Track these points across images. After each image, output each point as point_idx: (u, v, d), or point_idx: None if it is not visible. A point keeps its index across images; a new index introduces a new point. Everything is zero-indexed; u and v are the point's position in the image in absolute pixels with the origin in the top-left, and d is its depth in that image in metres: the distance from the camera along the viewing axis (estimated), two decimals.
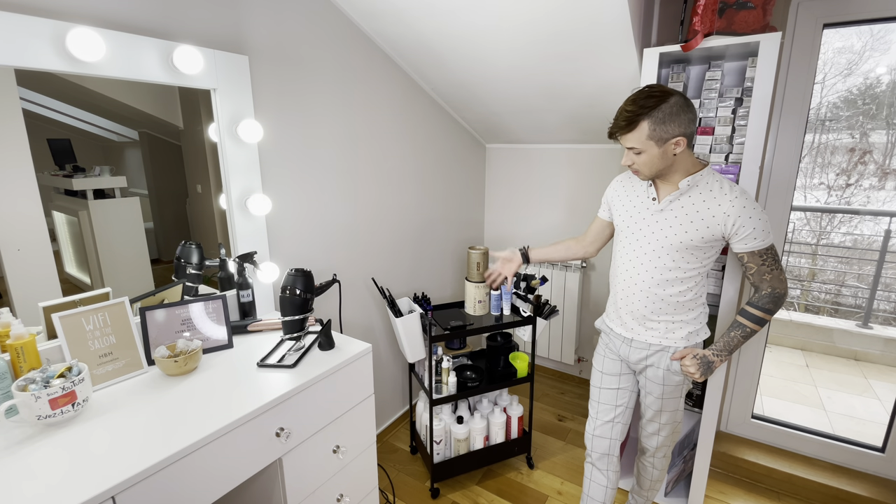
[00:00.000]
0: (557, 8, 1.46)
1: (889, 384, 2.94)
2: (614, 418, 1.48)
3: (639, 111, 1.15)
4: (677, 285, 1.28)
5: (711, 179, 1.23)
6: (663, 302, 1.30)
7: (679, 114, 1.14)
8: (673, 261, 1.26)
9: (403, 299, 2.02)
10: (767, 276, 1.22)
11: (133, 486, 0.81)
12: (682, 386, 1.39)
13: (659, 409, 1.42)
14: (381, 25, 1.78)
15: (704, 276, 1.32)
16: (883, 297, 3.24)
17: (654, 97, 1.14)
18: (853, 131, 3.21)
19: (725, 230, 1.20)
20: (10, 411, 0.95)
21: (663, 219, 1.27)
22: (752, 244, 1.19)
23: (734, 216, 1.17)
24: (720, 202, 1.19)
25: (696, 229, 1.22)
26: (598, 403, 1.51)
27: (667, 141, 1.16)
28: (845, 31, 1.85)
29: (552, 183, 2.59)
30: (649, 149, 1.18)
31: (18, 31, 0.97)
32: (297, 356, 1.25)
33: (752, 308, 1.25)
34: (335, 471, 1.29)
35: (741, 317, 1.27)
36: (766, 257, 1.21)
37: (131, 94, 1.25)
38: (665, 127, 1.14)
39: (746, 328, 1.26)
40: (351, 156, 1.88)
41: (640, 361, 1.40)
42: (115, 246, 1.29)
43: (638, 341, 1.38)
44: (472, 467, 1.96)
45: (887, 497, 1.77)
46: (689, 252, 1.25)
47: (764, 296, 1.24)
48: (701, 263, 1.27)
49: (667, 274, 1.28)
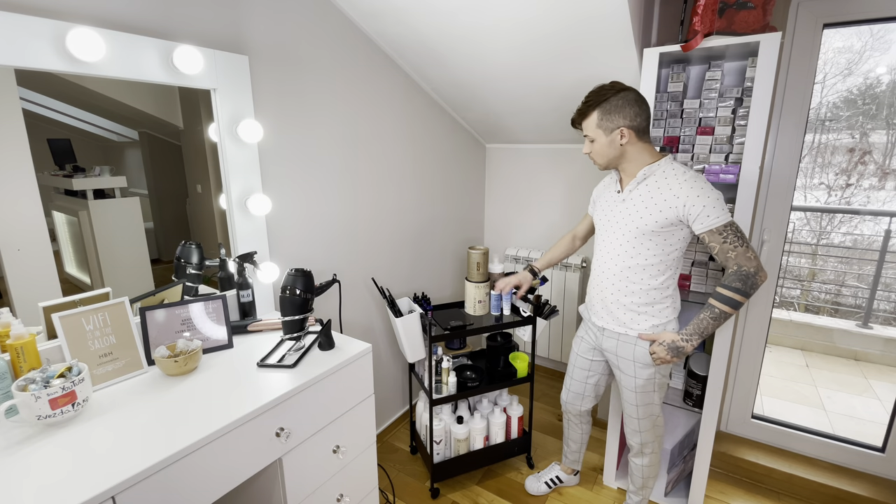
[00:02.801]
0: (557, 8, 1.46)
1: (889, 384, 2.94)
2: (584, 392, 1.68)
3: (589, 101, 1.31)
4: (640, 272, 1.35)
5: (667, 168, 1.30)
6: (628, 290, 1.38)
7: (625, 107, 1.26)
8: (633, 247, 1.35)
9: (403, 299, 2.02)
10: (732, 254, 1.23)
11: (133, 486, 0.81)
12: (654, 380, 1.43)
13: (635, 404, 1.49)
14: (381, 25, 1.78)
15: (670, 268, 1.36)
16: (883, 297, 3.24)
17: (606, 90, 1.28)
18: (853, 131, 3.21)
19: (680, 213, 1.26)
20: (10, 411, 0.95)
21: (625, 208, 1.36)
22: (707, 222, 1.23)
23: (683, 197, 1.24)
24: (671, 186, 1.27)
25: (651, 214, 1.30)
26: (571, 378, 1.71)
27: (612, 130, 1.29)
28: (845, 30, 1.85)
29: (552, 183, 2.59)
30: (599, 137, 1.32)
31: (18, 31, 0.97)
32: (297, 356, 1.25)
33: (721, 288, 1.26)
34: (335, 471, 1.29)
35: (711, 298, 1.29)
36: (727, 234, 1.23)
37: (131, 94, 1.25)
38: (611, 117, 1.28)
39: (716, 309, 1.27)
40: (351, 156, 1.88)
41: (612, 351, 1.49)
42: (115, 246, 1.29)
43: (609, 330, 1.48)
44: (472, 467, 1.96)
45: (887, 497, 1.77)
46: (647, 238, 1.32)
47: (730, 274, 1.25)
48: (662, 250, 1.33)
49: (629, 261, 1.36)
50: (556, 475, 1.92)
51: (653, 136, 1.66)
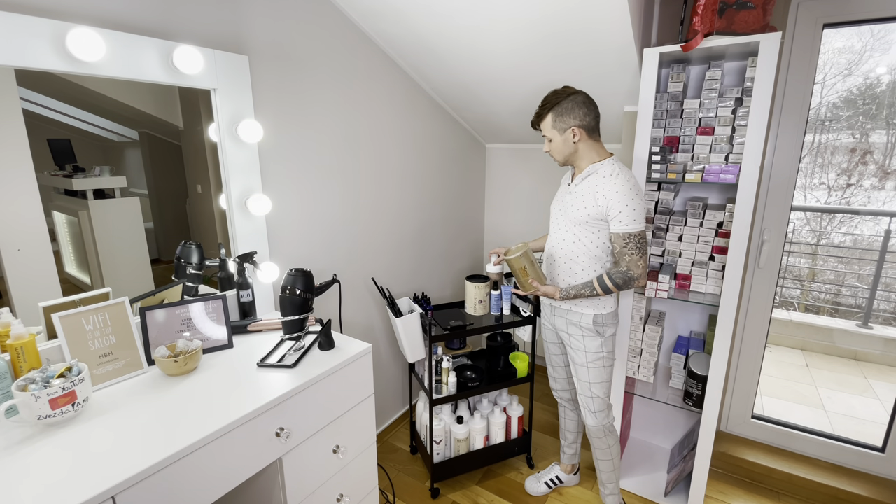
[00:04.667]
0: (557, 8, 1.46)
1: (889, 384, 2.94)
2: (567, 375, 1.78)
3: (544, 104, 1.43)
4: (582, 258, 1.49)
5: (610, 168, 1.42)
6: (572, 272, 1.52)
7: (575, 109, 1.39)
8: (574, 234, 1.49)
9: (403, 299, 2.02)
10: (627, 258, 1.41)
11: (133, 486, 0.81)
12: (602, 353, 1.55)
13: (588, 381, 1.58)
14: (381, 25, 1.78)
15: (601, 257, 1.48)
16: (883, 297, 3.24)
17: (559, 94, 1.41)
18: (853, 131, 3.21)
19: (603, 211, 1.40)
20: (10, 411, 0.95)
21: (571, 199, 1.50)
22: (619, 226, 1.39)
23: (608, 198, 1.38)
24: (606, 185, 1.39)
25: (586, 207, 1.44)
26: (552, 366, 1.81)
27: (566, 130, 1.41)
28: (845, 30, 1.85)
29: (552, 183, 2.59)
30: (554, 136, 1.44)
31: (18, 31, 0.97)
32: (297, 356, 1.25)
33: (607, 277, 1.44)
34: (335, 471, 1.29)
35: (595, 280, 1.45)
36: (629, 241, 1.39)
37: (131, 94, 1.25)
38: (564, 118, 1.41)
39: (594, 289, 1.45)
40: (351, 156, 1.88)
41: (563, 329, 1.60)
42: (115, 246, 1.29)
43: (559, 308, 1.60)
44: (472, 467, 1.96)
45: (887, 497, 1.77)
46: (585, 227, 1.46)
47: (619, 272, 1.42)
48: (598, 239, 1.46)
49: (572, 246, 1.50)
50: (556, 475, 1.92)
51: (653, 136, 1.66)
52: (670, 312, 2.01)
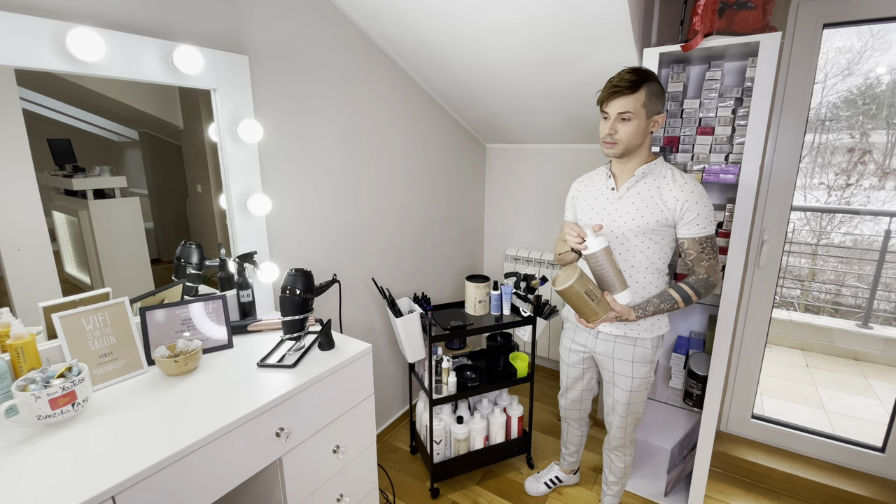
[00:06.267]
0: (557, 8, 1.46)
1: (889, 384, 2.94)
2: (581, 397, 1.69)
3: (643, 76, 1.21)
4: (639, 272, 1.34)
5: (664, 168, 1.31)
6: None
7: (661, 95, 1.26)
8: (635, 246, 1.33)
9: (403, 299, 2.02)
10: (705, 264, 1.29)
11: (133, 486, 0.81)
12: (649, 378, 1.45)
13: (626, 403, 1.48)
14: (381, 25, 1.78)
15: (662, 269, 1.36)
16: (883, 297, 3.23)
17: (651, 72, 1.23)
18: (853, 131, 3.21)
19: (675, 214, 1.27)
20: (10, 411, 0.95)
21: (622, 206, 1.33)
22: (695, 230, 1.27)
23: (682, 200, 1.25)
24: (671, 188, 1.27)
25: (651, 213, 1.29)
26: (567, 387, 1.69)
27: (652, 115, 1.24)
28: (845, 30, 1.85)
29: (552, 183, 2.59)
30: (639, 117, 1.22)
31: (18, 31, 0.97)
32: (297, 356, 1.25)
33: (686, 286, 1.31)
34: (335, 471, 1.29)
35: (673, 290, 1.32)
36: (706, 245, 1.28)
37: (131, 94, 1.25)
38: (655, 100, 1.23)
39: (675, 302, 1.31)
40: (351, 155, 1.88)
41: (607, 354, 1.46)
42: (115, 246, 1.29)
43: (604, 333, 1.45)
44: (472, 467, 1.96)
45: (887, 497, 1.77)
46: (646, 237, 1.31)
47: (700, 279, 1.31)
48: (660, 249, 1.33)
49: (630, 260, 1.34)
50: (555, 475, 1.92)
51: (653, 136, 1.66)
52: (670, 312, 2.01)
